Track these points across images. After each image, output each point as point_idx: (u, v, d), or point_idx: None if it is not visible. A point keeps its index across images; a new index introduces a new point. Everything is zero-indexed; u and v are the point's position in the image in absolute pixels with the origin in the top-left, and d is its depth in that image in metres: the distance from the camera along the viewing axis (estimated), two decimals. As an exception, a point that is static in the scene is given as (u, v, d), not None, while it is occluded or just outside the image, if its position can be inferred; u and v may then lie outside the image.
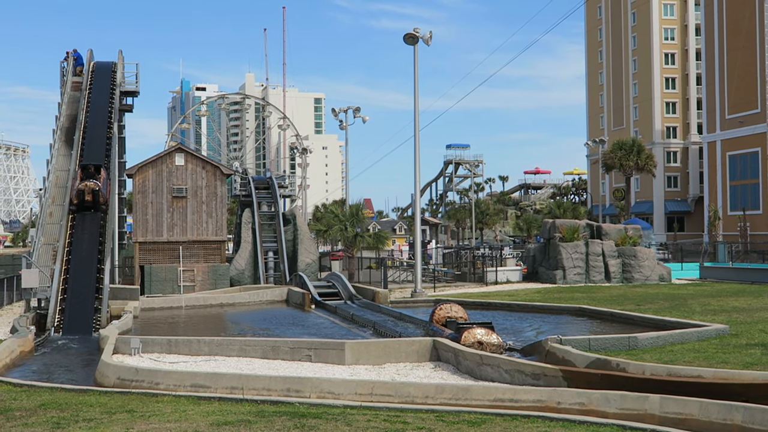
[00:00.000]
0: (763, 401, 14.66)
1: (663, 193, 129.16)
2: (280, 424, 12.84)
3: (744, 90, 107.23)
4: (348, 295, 45.59)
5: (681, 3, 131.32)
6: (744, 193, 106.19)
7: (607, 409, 15.10)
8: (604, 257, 51.08)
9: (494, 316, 34.41)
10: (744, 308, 31.58)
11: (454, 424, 12.94)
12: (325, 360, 23.17)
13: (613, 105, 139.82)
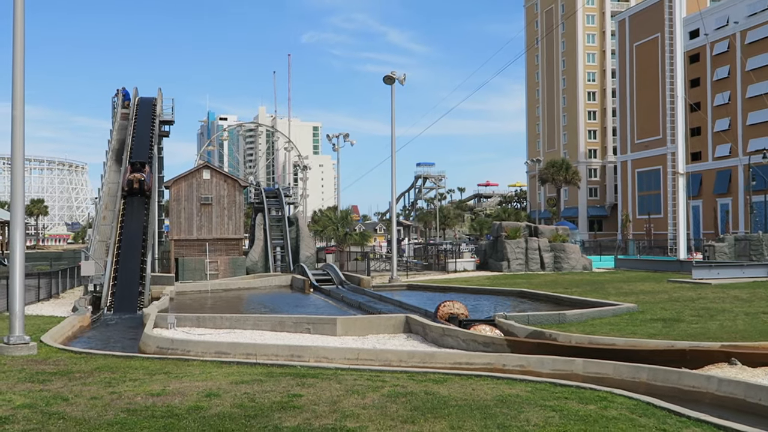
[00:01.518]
0: (663, 363, 14.81)
1: (586, 201, 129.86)
2: (285, 383, 12.89)
3: (648, 121, 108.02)
4: (339, 281, 45.63)
5: (600, 53, 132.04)
6: (649, 201, 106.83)
7: (542, 370, 15.21)
8: (539, 251, 51.26)
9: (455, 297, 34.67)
10: (649, 291, 31.86)
11: (422, 382, 13.00)
12: (321, 332, 23.19)
13: (547, 132, 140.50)
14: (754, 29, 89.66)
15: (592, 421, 10.00)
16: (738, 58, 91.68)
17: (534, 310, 27.49)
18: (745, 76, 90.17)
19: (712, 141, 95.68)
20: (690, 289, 32.26)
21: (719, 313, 23.41)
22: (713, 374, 13.68)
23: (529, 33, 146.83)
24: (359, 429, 9.57)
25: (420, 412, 10.53)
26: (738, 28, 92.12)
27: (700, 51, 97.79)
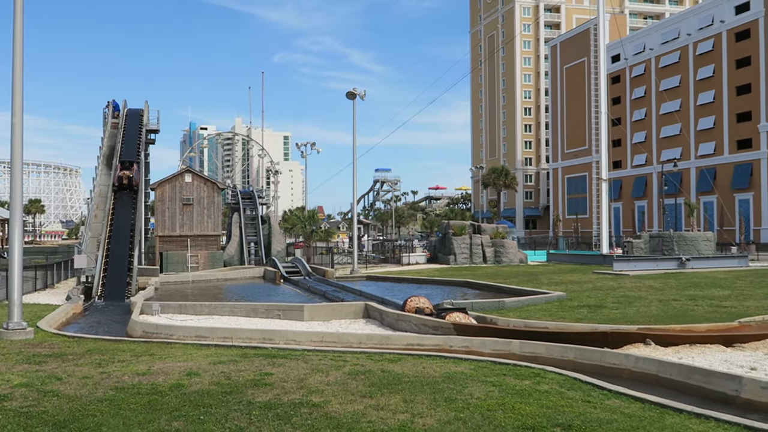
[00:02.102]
0: (588, 344, 14.99)
1: (522, 202, 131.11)
2: (258, 363, 12.82)
3: (576, 134, 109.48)
4: (306, 272, 45.46)
5: (535, 74, 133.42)
6: (576, 203, 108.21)
7: (483, 350, 15.30)
8: (482, 246, 51.58)
9: (408, 287, 34.78)
10: (576, 281, 32.13)
11: (379, 362, 13.00)
12: (290, 318, 23.08)
13: (489, 142, 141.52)
14: (666, 55, 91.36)
15: (526, 395, 10.10)
16: (653, 80, 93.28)
17: (477, 298, 27.64)
18: (658, 95, 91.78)
19: (630, 151, 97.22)
20: (611, 279, 32.54)
21: (636, 300, 23.63)
22: (631, 353, 13.87)
23: (473, 56, 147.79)
24: (323, 403, 9.56)
25: (377, 387, 10.55)
26: (653, 54, 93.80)
27: (621, 73, 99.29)
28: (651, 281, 30.75)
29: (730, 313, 19.56)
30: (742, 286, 27.50)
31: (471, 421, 8.56)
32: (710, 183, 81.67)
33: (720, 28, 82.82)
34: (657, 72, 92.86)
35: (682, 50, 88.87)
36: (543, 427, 8.27)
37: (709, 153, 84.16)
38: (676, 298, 23.96)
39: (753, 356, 14.12)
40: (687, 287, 27.66)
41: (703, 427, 8.58)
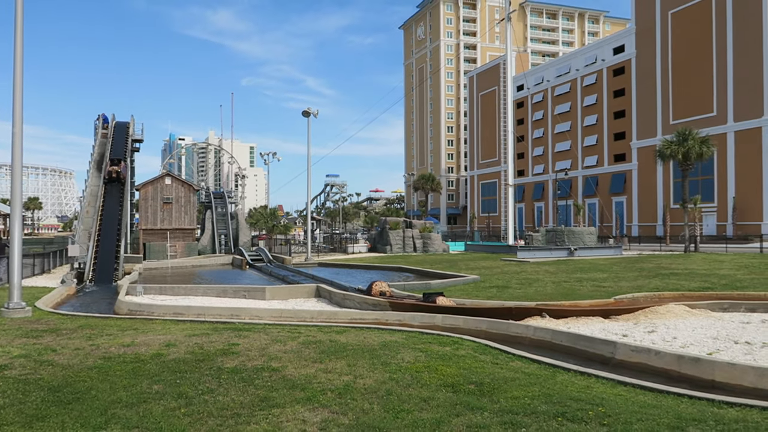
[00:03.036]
0: (497, 317, 15.20)
1: (446, 203, 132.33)
2: (227, 335, 12.58)
3: (489, 148, 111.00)
4: (268, 260, 44.92)
5: (456, 99, 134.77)
6: (489, 203, 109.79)
7: (413, 323, 15.37)
8: (413, 239, 51.88)
9: (353, 271, 34.69)
10: (488, 267, 32.53)
11: (328, 333, 12.93)
12: (254, 297, 22.76)
13: (419, 154, 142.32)
14: (560, 86, 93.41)
15: (447, 358, 10.19)
16: (549, 105, 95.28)
17: (409, 280, 27.79)
18: (554, 118, 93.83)
19: (531, 162, 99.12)
20: (516, 265, 33.03)
21: (535, 282, 24.00)
22: (530, 324, 14.09)
23: (407, 83, 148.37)
24: (281, 368, 9.45)
25: (326, 354, 10.49)
26: (549, 84, 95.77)
27: (524, 100, 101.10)
28: (547, 267, 31.36)
29: (607, 292, 20.07)
30: (617, 270, 28.31)
31: (402, 381, 8.59)
32: (593, 188, 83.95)
33: (601, 65, 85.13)
34: (552, 99, 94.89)
35: (572, 82, 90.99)
36: (460, 384, 8.36)
37: (592, 164, 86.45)
38: (566, 280, 24.45)
39: (625, 326, 14.55)
40: (575, 271, 28.30)
41: (585, 382, 8.82)
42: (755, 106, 62.27)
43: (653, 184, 74.78)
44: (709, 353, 11.10)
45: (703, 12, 68.13)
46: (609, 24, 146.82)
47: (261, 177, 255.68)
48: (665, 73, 73.52)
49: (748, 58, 63.02)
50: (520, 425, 6.58)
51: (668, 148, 51.34)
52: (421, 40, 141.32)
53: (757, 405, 7.52)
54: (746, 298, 17.77)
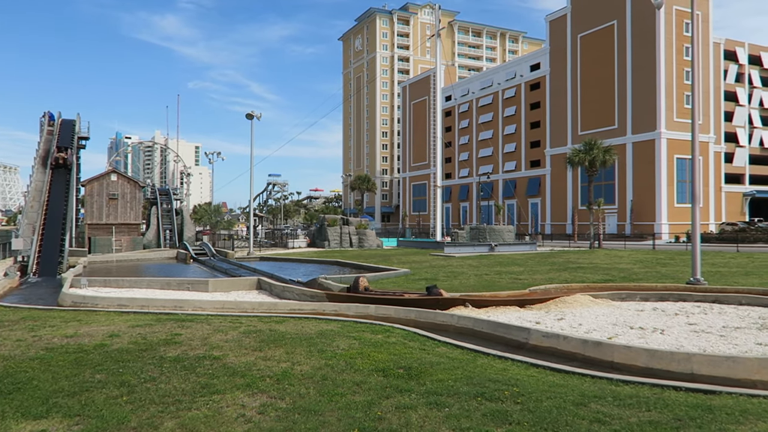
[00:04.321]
0: (426, 307, 15.34)
1: (380, 202, 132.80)
2: (170, 326, 12.16)
3: (420, 152, 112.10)
4: (212, 254, 43.81)
5: (390, 106, 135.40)
6: (419, 203, 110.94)
7: (348, 313, 15.30)
8: (349, 235, 51.75)
9: (293, 265, 34.28)
10: (418, 261, 32.77)
11: (268, 323, 12.72)
12: (198, 289, 22.11)
13: (356, 156, 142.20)
14: (483, 97, 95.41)
15: (379, 345, 10.21)
16: (474, 115, 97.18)
17: (345, 273, 27.67)
18: (478, 126, 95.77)
19: (458, 166, 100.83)
20: (443, 260, 33.42)
21: (460, 275, 24.24)
22: (455, 313, 14.27)
23: (345, 90, 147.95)
24: (222, 356, 9.22)
25: (265, 343, 10.31)
26: (474, 96, 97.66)
27: (452, 109, 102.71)
28: (470, 261, 31.84)
29: (523, 284, 20.55)
30: (532, 264, 29.13)
31: (337, 366, 8.55)
32: (512, 191, 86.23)
33: (520, 80, 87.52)
34: (477, 109, 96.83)
35: (495, 95, 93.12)
36: (390, 369, 8.39)
37: (512, 169, 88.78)
38: (487, 273, 24.82)
39: (538, 314, 14.99)
40: (495, 265, 28.90)
41: (503, 365, 9.03)
42: (650, 120, 65.58)
43: (564, 188, 77.53)
44: (609, 338, 11.58)
45: (607, 37, 71.15)
46: (527, 43, 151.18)
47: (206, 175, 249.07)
48: (575, 89, 76.35)
49: (644, 79, 66.27)
50: (443, 405, 6.67)
51: (577, 156, 53.39)
52: (359, 52, 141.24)
53: (647, 382, 7.92)
54: (641, 288, 18.67)
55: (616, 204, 69.27)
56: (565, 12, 77.82)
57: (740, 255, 32.82)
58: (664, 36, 64.60)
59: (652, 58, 65.20)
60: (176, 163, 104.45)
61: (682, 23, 65.86)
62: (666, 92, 64.61)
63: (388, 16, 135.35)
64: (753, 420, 6.21)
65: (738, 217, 71.83)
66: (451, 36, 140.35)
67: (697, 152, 20.65)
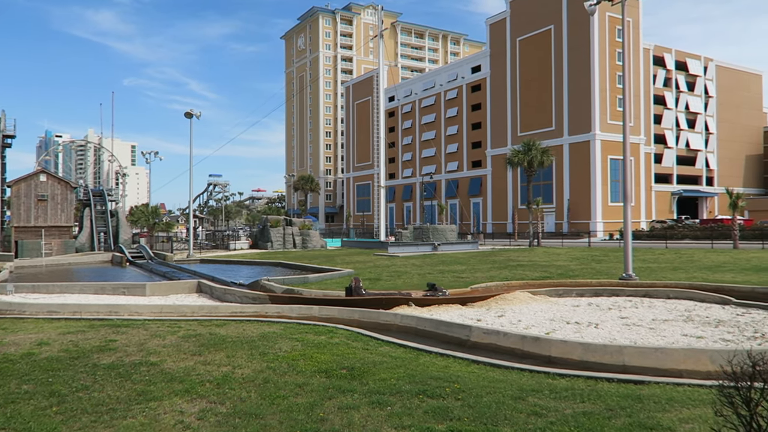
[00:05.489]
0: (369, 307, 15.40)
1: (324, 202, 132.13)
2: (104, 332, 11.70)
3: (364, 152, 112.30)
4: (149, 257, 42.41)
5: (334, 106, 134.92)
6: (363, 203, 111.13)
7: (291, 315, 15.16)
8: (293, 235, 51.27)
9: (235, 267, 33.62)
10: (362, 261, 32.74)
11: (208, 327, 12.43)
12: (134, 294, 21.37)
13: (299, 156, 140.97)
14: (426, 98, 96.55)
15: (322, 346, 10.18)
16: (417, 116, 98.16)
17: (288, 275, 27.37)
18: (421, 127, 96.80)
19: (401, 166, 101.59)
20: (387, 259, 33.52)
21: (404, 274, 24.40)
22: (398, 312, 14.40)
23: (287, 90, 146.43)
24: (160, 362, 8.96)
25: (205, 347, 10.08)
26: (417, 97, 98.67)
27: (395, 110, 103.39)
28: (414, 260, 32.10)
29: (465, 282, 20.92)
30: (474, 263, 29.68)
31: (279, 369, 8.47)
32: (455, 190, 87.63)
33: (462, 82, 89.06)
34: (420, 110, 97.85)
35: (437, 96, 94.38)
36: (333, 370, 8.38)
37: (454, 169, 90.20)
38: (430, 272, 25.09)
39: (479, 312, 15.31)
40: (438, 264, 29.29)
41: (445, 362, 9.18)
42: (585, 123, 68.10)
43: (504, 188, 79.42)
44: (547, 333, 11.96)
45: (545, 41, 73.41)
46: (468, 46, 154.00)
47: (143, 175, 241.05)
48: (514, 91, 78.36)
49: (579, 82, 68.76)
50: (386, 404, 6.72)
51: (516, 157, 54.83)
52: (302, 51, 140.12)
53: (582, 375, 8.24)
54: (577, 285, 19.37)
55: (554, 203, 71.53)
56: (504, 16, 79.73)
57: (669, 251, 34.54)
58: (597, 41, 67.21)
59: (587, 63, 67.71)
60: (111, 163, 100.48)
61: (615, 29, 68.72)
62: (600, 95, 67.24)
63: (331, 16, 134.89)
64: (678, 407, 6.56)
65: (667, 215, 75.59)
66: (394, 37, 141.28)
67: (628, 153, 21.62)
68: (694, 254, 30.98)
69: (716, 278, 19.94)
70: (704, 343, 10.97)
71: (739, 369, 4.26)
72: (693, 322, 13.27)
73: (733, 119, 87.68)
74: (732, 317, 13.79)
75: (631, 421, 6.06)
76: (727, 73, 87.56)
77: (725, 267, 23.64)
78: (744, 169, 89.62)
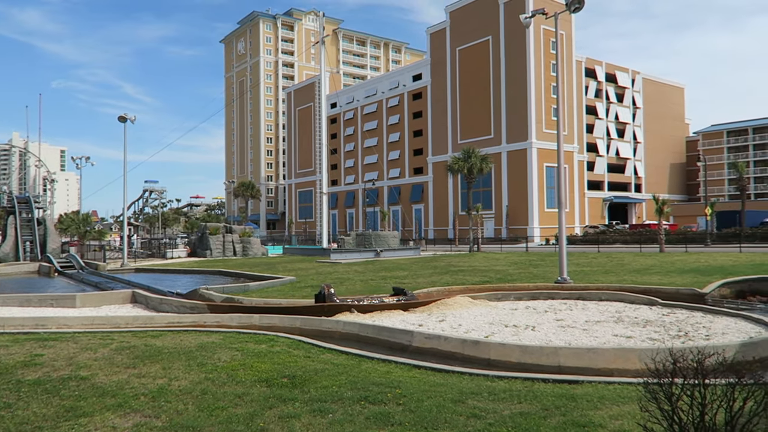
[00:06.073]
0: (312, 314, 15.28)
1: (265, 209, 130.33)
2: (29, 346, 11.07)
3: (306, 158, 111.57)
4: (80, 266, 40.51)
5: (275, 112, 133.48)
6: (306, 210, 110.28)
7: (231, 324, 14.84)
8: (233, 243, 50.29)
9: (172, 276, 32.63)
10: (304, 268, 32.44)
11: (143, 338, 12.00)
12: (63, 305, 20.31)
13: (239, 162, 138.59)
14: (368, 105, 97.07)
15: (263, 355, 10.02)
16: (359, 122, 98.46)
17: (228, 283, 26.77)
18: (363, 134, 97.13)
19: (344, 173, 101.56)
20: (329, 266, 33.31)
21: (346, 281, 24.30)
22: (341, 319, 14.36)
23: (227, 94, 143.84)
24: (91, 376, 8.57)
25: (140, 359, 9.73)
26: (359, 104, 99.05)
27: (337, 116, 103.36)
28: (356, 267, 32.06)
29: (407, 287, 21.03)
30: (416, 268, 29.95)
31: (218, 380, 8.27)
32: (397, 197, 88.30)
33: (403, 90, 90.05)
34: (362, 117, 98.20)
35: (379, 103, 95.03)
36: (274, 379, 8.27)
37: (396, 176, 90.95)
38: (372, 278, 25.12)
39: (421, 317, 15.46)
40: (380, 270, 29.36)
41: (386, 368, 9.22)
42: (522, 131, 70.19)
43: (445, 194, 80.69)
44: (486, 336, 12.22)
45: (484, 51, 75.29)
46: (409, 54, 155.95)
47: (73, 182, 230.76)
48: (454, 99, 79.89)
49: (516, 92, 70.86)
50: (327, 411, 6.69)
51: (456, 164, 55.87)
52: (242, 55, 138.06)
53: (520, 376, 8.46)
54: (515, 288, 19.88)
55: (494, 209, 73.25)
56: (444, 26, 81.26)
57: (601, 255, 35.98)
58: (533, 53, 69.50)
59: (524, 73, 69.87)
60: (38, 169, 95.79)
61: (549, 42, 71.28)
62: (536, 105, 69.50)
63: (272, 21, 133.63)
64: (609, 405, 6.85)
65: (599, 220, 78.81)
66: (336, 44, 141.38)
67: (562, 161, 22.42)
68: (624, 258, 32.40)
69: (644, 280, 20.93)
70: (633, 342, 11.48)
71: (662, 366, 4.50)
72: (623, 322, 13.87)
73: (658, 129, 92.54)
74: (658, 317, 14.50)
75: (565, 420, 6.27)
76: (652, 85, 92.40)
77: (652, 270, 24.85)
78: (669, 176, 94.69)
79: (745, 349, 9.76)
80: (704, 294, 17.87)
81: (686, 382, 4.34)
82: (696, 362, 4.44)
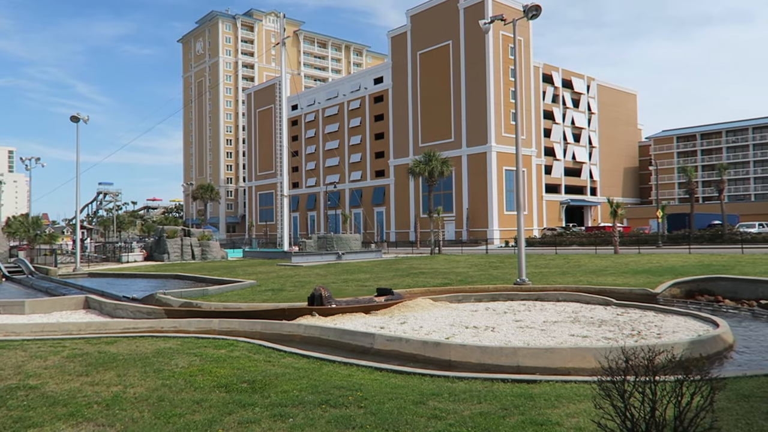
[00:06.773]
0: (272, 318, 15.15)
1: (225, 212, 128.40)
2: (-26, 355, 10.62)
3: (266, 161, 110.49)
4: (29, 271, 39.16)
5: (235, 113, 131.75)
6: (266, 213, 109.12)
7: (189, 329, 14.60)
8: (191, 246, 49.36)
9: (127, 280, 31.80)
10: (264, 272, 32.13)
11: (97, 345, 11.67)
12: (11, 312, 19.58)
13: (198, 164, 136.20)
14: (329, 108, 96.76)
15: (222, 360, 9.87)
16: (321, 125, 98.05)
17: (186, 287, 26.28)
18: (324, 136, 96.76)
19: (305, 176, 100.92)
20: (290, 269, 33.05)
21: (307, 284, 24.13)
22: (302, 323, 14.29)
23: (185, 95, 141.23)
24: (41, 385, 8.27)
25: (93, 366, 9.45)
26: (320, 106, 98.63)
27: (298, 118, 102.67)
28: (318, 270, 31.95)
29: (369, 290, 21.03)
30: (378, 271, 30.01)
31: (176, 386, 8.11)
32: (358, 200, 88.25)
33: (365, 92, 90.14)
34: (323, 119, 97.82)
35: (340, 105, 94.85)
36: (233, 384, 8.16)
37: (358, 179, 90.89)
38: (334, 281, 25.12)
39: (383, 319, 15.51)
40: (342, 273, 29.34)
41: (348, 371, 9.21)
42: (482, 135, 71.17)
43: (407, 197, 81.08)
44: (447, 338, 12.33)
45: (444, 55, 76.07)
46: (371, 57, 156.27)
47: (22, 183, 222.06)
48: (415, 102, 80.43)
49: (476, 96, 71.83)
50: (288, 416, 6.63)
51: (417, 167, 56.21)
52: (201, 55, 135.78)
53: (480, 377, 8.57)
54: (475, 290, 20.13)
55: (454, 212, 73.99)
56: (405, 30, 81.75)
57: (558, 257, 36.75)
58: (492, 58, 70.58)
59: (483, 77, 70.89)
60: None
61: (508, 47, 72.52)
62: (495, 109, 70.58)
63: (231, 21, 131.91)
64: (566, 403, 7.00)
65: (556, 222, 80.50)
66: (297, 45, 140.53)
67: (521, 164, 22.84)
68: (581, 259, 33.19)
69: (600, 281, 21.49)
70: (589, 342, 11.77)
71: (615, 364, 4.63)
72: (579, 322, 14.20)
73: (612, 134, 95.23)
74: (613, 317, 14.91)
75: (523, 419, 6.38)
76: (606, 91, 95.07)
77: (607, 271, 25.53)
78: (623, 180, 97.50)
79: (694, 346, 10.14)
80: (656, 294, 18.46)
81: (638, 379, 4.48)
82: (647, 360, 4.59)
